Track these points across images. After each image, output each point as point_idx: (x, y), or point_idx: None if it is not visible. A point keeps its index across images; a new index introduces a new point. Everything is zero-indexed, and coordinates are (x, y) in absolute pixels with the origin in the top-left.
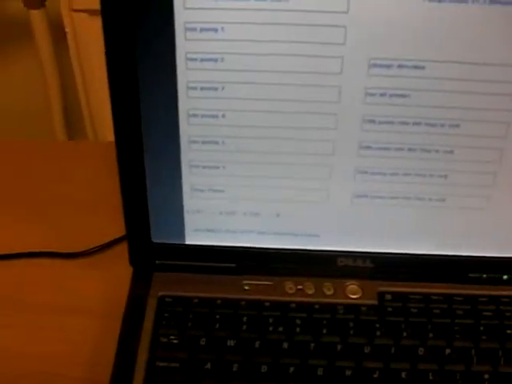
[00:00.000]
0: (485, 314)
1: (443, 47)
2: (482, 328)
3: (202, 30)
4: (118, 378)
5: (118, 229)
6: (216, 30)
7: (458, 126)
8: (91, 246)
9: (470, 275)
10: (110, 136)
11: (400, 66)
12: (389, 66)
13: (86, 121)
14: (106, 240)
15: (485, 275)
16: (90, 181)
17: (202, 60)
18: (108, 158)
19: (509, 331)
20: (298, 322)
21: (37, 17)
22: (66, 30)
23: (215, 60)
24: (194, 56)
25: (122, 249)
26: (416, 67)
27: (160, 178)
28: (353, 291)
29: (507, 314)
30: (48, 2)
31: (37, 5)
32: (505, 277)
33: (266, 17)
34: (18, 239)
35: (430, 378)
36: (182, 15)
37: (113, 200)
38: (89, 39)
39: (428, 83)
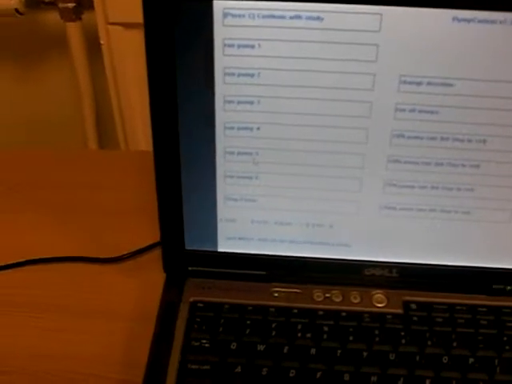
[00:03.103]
0: (508, 324)
1: (471, 65)
2: (505, 338)
3: (239, 46)
4: (150, 380)
5: (151, 235)
6: (253, 47)
7: (484, 141)
8: (125, 252)
9: (494, 287)
10: (141, 145)
11: (429, 83)
12: (418, 83)
13: (118, 131)
14: (140, 246)
15: (509, 287)
16: (122, 188)
17: (239, 75)
18: (140, 166)
19: None
20: (326, 328)
21: (73, 29)
22: (102, 42)
23: (252, 75)
24: (232, 71)
25: (155, 255)
26: (444, 84)
27: (195, 187)
28: (379, 300)
29: None
30: (84, 15)
31: (73, 18)
32: None
33: (301, 35)
34: (55, 244)
35: None
36: (222, 31)
37: (146, 207)
38: (123, 51)
39: (456, 100)
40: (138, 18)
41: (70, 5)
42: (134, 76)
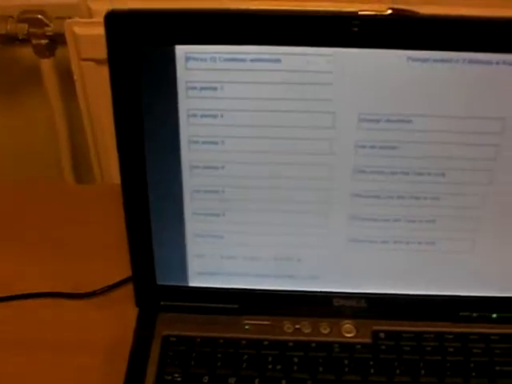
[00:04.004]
0: (475, 351)
1: (427, 102)
2: (472, 365)
3: (202, 88)
4: None
5: (124, 270)
6: (215, 89)
7: (443, 174)
8: (98, 287)
9: (461, 314)
10: (116, 178)
11: (388, 121)
12: (377, 121)
13: (93, 164)
14: (113, 281)
15: (475, 314)
16: (97, 222)
17: (203, 116)
18: (114, 200)
19: (498, 368)
20: (296, 360)
21: (47, 65)
22: (75, 77)
23: (215, 116)
24: (195, 112)
25: (129, 290)
26: (403, 121)
27: (164, 224)
28: (348, 330)
29: (497, 351)
30: (58, 51)
31: (47, 54)
32: (494, 315)
33: (261, 76)
34: (26, 280)
35: None
36: (184, 75)
37: (120, 242)
38: (96, 86)
39: (414, 136)
40: None
41: (43, 41)
42: (107, 111)
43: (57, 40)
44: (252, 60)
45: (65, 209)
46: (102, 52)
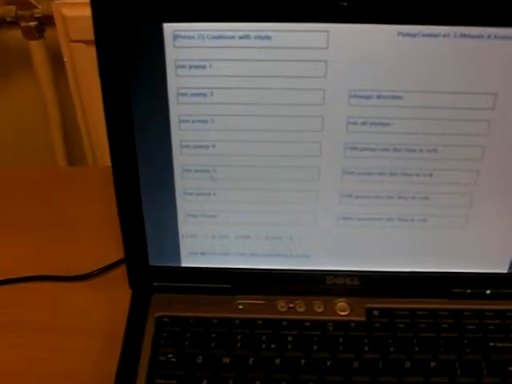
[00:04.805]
0: (469, 327)
1: (418, 78)
2: (465, 341)
3: (191, 67)
4: None
5: (118, 252)
6: (204, 67)
7: (435, 150)
8: (92, 269)
9: (454, 291)
10: (108, 161)
11: (379, 97)
12: (368, 97)
13: (85, 147)
14: (106, 263)
15: (468, 290)
16: (90, 205)
17: (192, 95)
18: (107, 182)
19: (491, 344)
20: (290, 338)
21: (36, 47)
22: (65, 59)
23: (204, 94)
24: (185, 91)
25: (122, 271)
26: (394, 97)
27: (156, 204)
28: (342, 308)
29: (490, 327)
30: (47, 33)
31: (36, 36)
32: (488, 291)
33: (250, 54)
34: (21, 263)
35: None
36: (173, 53)
37: (113, 224)
38: (86, 68)
39: (406, 112)
40: None
41: (32, 23)
42: (98, 92)
43: (45, 22)
44: (241, 37)
45: (57, 191)
46: (91, 33)
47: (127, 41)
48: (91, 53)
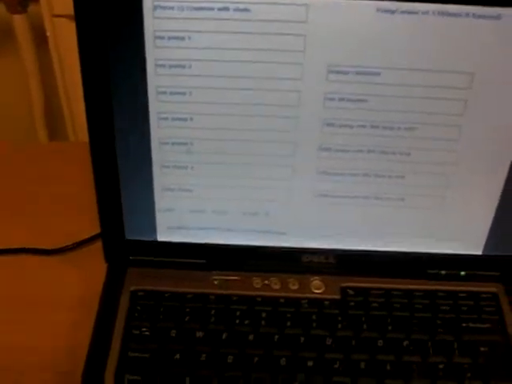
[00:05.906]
0: (442, 308)
1: (396, 55)
2: (439, 321)
3: (170, 38)
4: (91, 368)
5: (95, 228)
6: (183, 39)
7: (413, 129)
8: (68, 243)
9: (429, 271)
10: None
11: (357, 73)
12: (346, 73)
13: (67, 122)
14: (83, 237)
15: (443, 271)
16: (69, 180)
17: (171, 66)
18: (87, 158)
19: (464, 324)
20: (264, 315)
21: (19, 21)
22: (48, 34)
23: (183, 66)
24: (163, 62)
25: (99, 245)
26: (371, 74)
27: (132, 177)
28: (316, 286)
29: (463, 308)
30: (30, 8)
31: (19, 10)
32: (462, 273)
33: (229, 26)
34: None
35: (388, 368)
36: (152, 24)
37: (91, 199)
38: (69, 43)
39: (383, 89)
40: None
41: None
42: (79, 66)
43: None
44: (220, 9)
45: (37, 166)
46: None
47: (106, 10)
48: (74, 28)
